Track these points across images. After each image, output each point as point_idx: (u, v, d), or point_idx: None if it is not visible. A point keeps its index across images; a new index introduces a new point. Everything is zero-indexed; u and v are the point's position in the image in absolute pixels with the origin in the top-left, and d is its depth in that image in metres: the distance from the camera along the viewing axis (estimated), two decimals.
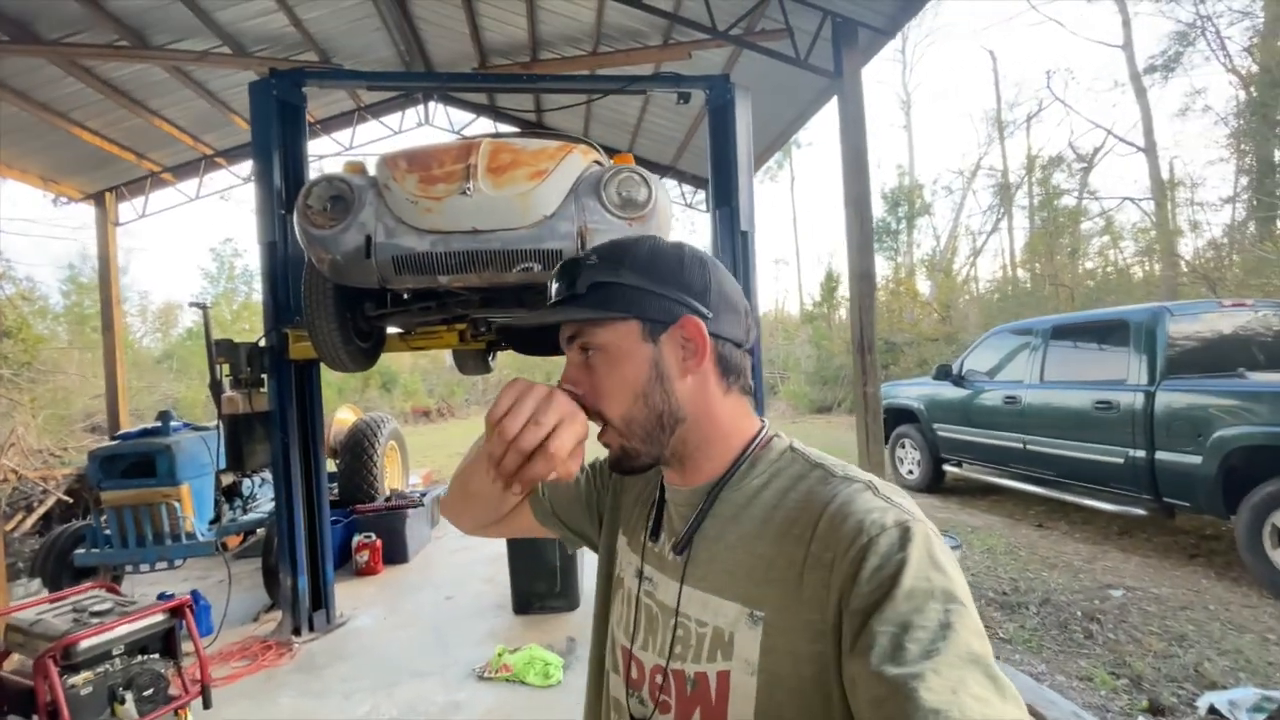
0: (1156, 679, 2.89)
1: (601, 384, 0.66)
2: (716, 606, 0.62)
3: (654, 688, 0.67)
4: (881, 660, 0.46)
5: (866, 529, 0.54)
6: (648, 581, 0.72)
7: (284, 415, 3.62)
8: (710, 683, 0.61)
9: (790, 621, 0.56)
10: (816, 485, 0.62)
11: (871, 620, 0.49)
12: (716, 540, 0.65)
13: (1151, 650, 3.15)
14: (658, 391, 0.65)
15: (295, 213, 2.39)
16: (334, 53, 6.28)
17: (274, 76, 3.76)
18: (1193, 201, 14.06)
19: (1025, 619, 3.57)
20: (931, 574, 0.51)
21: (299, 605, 3.68)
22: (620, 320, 0.66)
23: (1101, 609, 3.62)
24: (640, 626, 0.72)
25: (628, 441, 0.67)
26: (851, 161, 4.28)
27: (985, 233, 19.93)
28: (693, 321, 0.65)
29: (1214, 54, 13.13)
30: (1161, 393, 4.26)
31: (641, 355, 0.65)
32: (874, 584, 0.51)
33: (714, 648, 0.61)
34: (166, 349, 20.36)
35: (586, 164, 2.60)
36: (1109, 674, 2.95)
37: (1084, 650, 3.21)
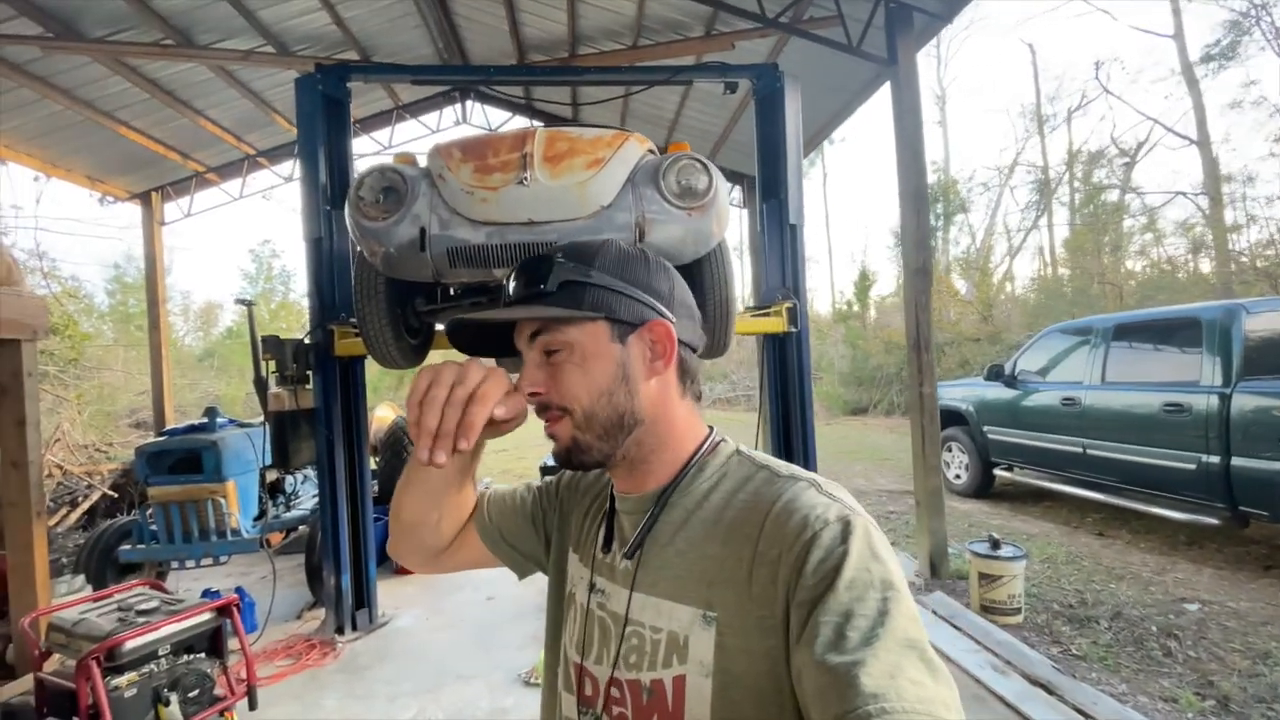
0: (1244, 700, 2.70)
1: (566, 382, 0.66)
2: (669, 611, 0.62)
3: (609, 700, 0.67)
4: (825, 649, 0.48)
5: (810, 524, 0.56)
6: (599, 594, 0.72)
7: (329, 412, 3.59)
8: (667, 688, 0.61)
9: (742, 620, 0.57)
10: (762, 486, 0.63)
11: (816, 611, 0.51)
12: (666, 545, 0.66)
13: (1236, 669, 2.95)
14: (622, 392, 0.66)
15: (347, 205, 2.34)
16: (374, 51, 6.30)
17: (319, 72, 3.74)
18: (1246, 196, 13.44)
19: (1097, 634, 3.37)
20: (871, 565, 0.53)
21: (342, 604, 3.66)
22: (590, 320, 0.65)
23: (1178, 624, 3.41)
24: (593, 640, 0.71)
25: (582, 435, 0.66)
26: (908, 152, 4.11)
27: (1023, 230, 19.39)
28: (662, 325, 0.67)
29: (1269, 43, 12.55)
30: (1238, 395, 4.01)
31: (609, 355, 0.66)
32: (818, 576, 0.52)
33: (669, 652, 0.61)
34: (208, 347, 20.90)
35: (643, 152, 2.50)
36: (1194, 694, 2.76)
37: (1164, 669, 3.01)
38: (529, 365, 0.69)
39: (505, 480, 8.20)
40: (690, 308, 0.71)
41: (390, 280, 2.53)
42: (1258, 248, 12.58)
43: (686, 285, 0.73)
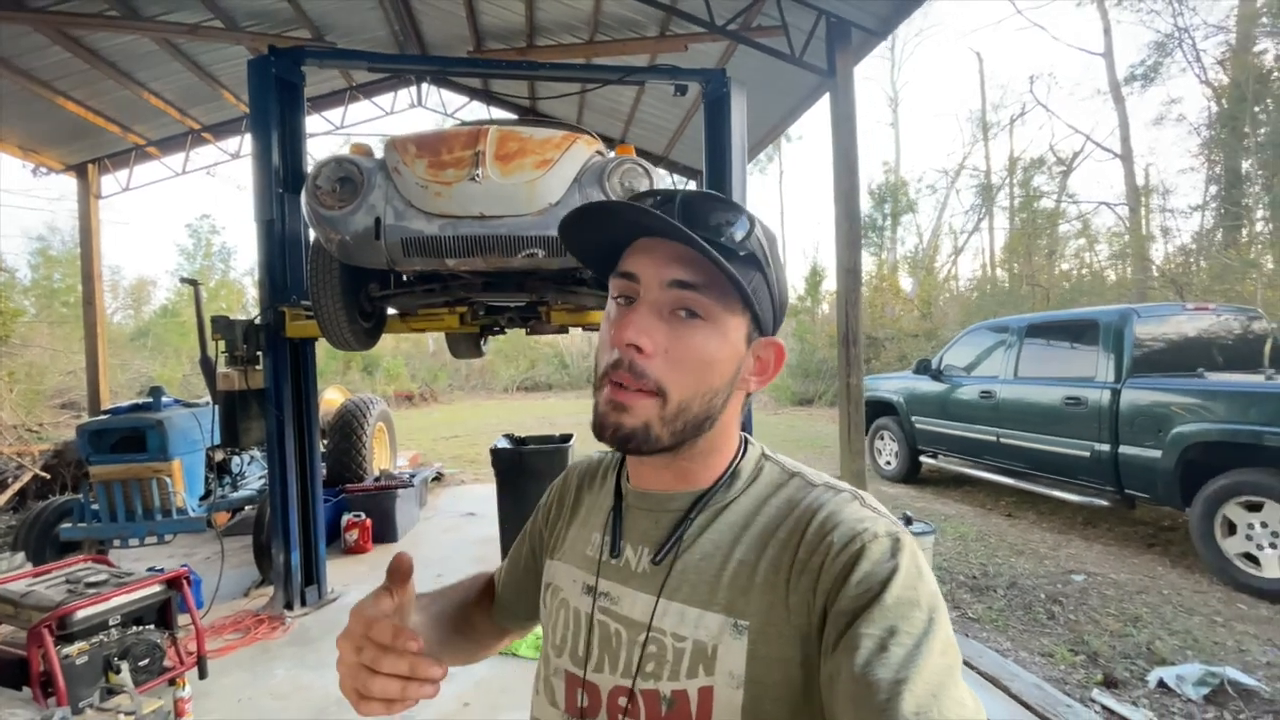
0: (1112, 656, 3.09)
1: (685, 360, 0.59)
2: (696, 619, 0.58)
3: (614, 710, 0.62)
4: (867, 662, 0.47)
5: (860, 536, 0.54)
6: (604, 598, 0.66)
7: (279, 393, 3.65)
8: (691, 700, 0.57)
9: (777, 629, 0.55)
10: (796, 494, 0.61)
11: (858, 623, 0.49)
12: (691, 549, 0.62)
13: (1108, 630, 3.36)
14: (724, 395, 0.62)
15: (304, 193, 2.43)
16: (328, 30, 6.23)
17: (273, 54, 3.75)
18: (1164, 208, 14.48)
19: (993, 601, 3.76)
20: (918, 584, 0.52)
21: (291, 580, 3.74)
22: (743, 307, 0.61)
23: (1064, 592, 3.83)
24: (593, 648, 0.65)
25: (660, 426, 0.59)
26: (842, 160, 4.40)
27: (967, 232, 20.33)
28: (780, 346, 0.64)
29: (1190, 65, 13.50)
30: (1127, 390, 4.47)
31: (736, 354, 0.61)
32: (863, 588, 0.51)
33: (694, 662, 0.57)
34: (140, 326, 19.97)
35: (590, 154, 2.68)
36: (1068, 651, 3.15)
37: (1046, 629, 3.41)
38: (646, 310, 0.59)
39: (455, 465, 8.27)
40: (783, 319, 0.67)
41: (345, 266, 2.64)
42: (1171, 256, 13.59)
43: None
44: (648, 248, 0.60)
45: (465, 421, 13.54)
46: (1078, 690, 2.80)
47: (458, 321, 3.15)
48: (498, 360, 20.77)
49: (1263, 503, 3.67)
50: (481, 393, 20.14)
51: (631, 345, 0.57)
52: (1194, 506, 3.98)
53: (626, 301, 0.61)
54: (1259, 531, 3.69)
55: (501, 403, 17.95)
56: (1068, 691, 2.76)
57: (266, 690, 2.93)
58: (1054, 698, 2.62)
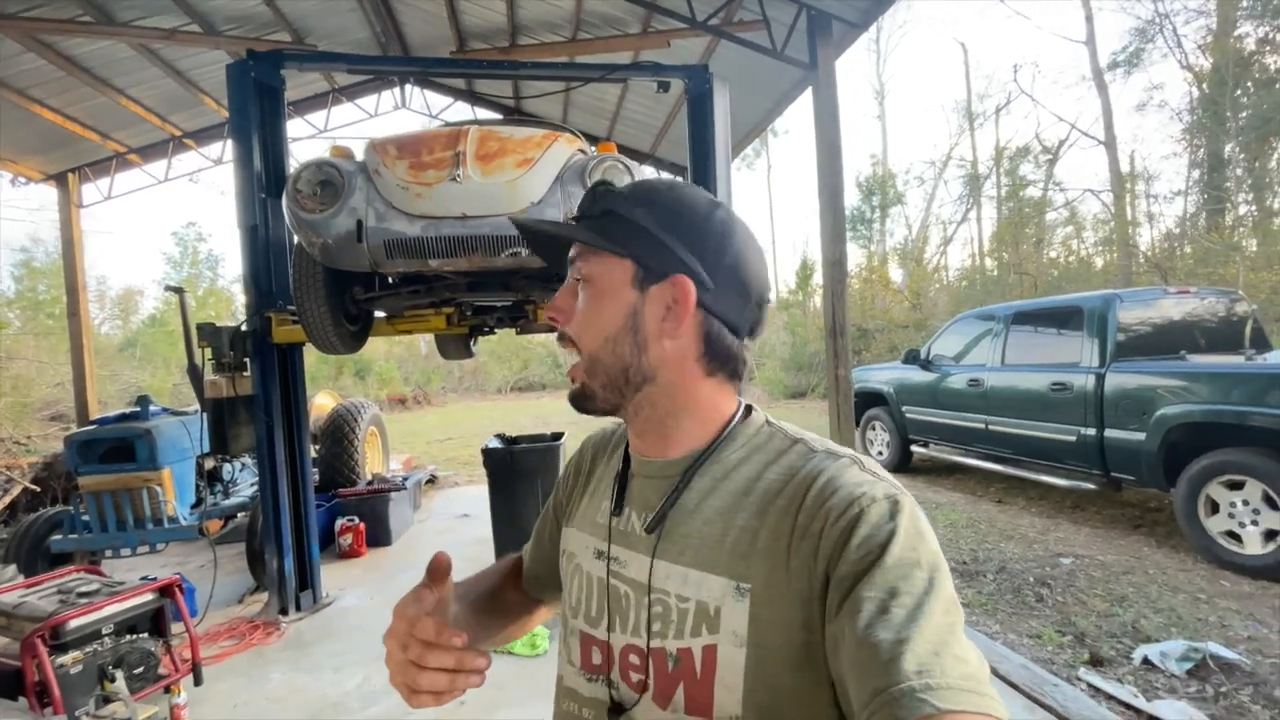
0: (1098, 635, 3.14)
1: (582, 315, 0.65)
2: (699, 580, 0.60)
3: (626, 667, 0.64)
4: (868, 624, 0.48)
5: (858, 500, 0.55)
6: (614, 561, 0.68)
7: (268, 399, 3.65)
8: (695, 658, 0.59)
9: (778, 592, 0.56)
10: (799, 460, 0.62)
11: (860, 586, 0.50)
12: (694, 514, 0.63)
13: (1095, 610, 3.41)
14: (628, 343, 0.64)
15: (285, 197, 2.43)
16: (308, 33, 6.20)
17: (252, 58, 3.73)
18: (1148, 194, 14.63)
19: (983, 585, 3.81)
20: (919, 544, 0.53)
21: (285, 586, 3.74)
22: (615, 256, 0.64)
23: (1052, 575, 3.89)
24: (607, 609, 0.68)
25: (589, 381, 0.65)
26: (826, 153, 4.42)
27: (955, 222, 20.44)
28: (684, 282, 0.62)
29: (1171, 51, 13.64)
30: (1111, 374, 4.53)
31: (623, 299, 0.64)
32: (863, 551, 0.52)
33: (698, 622, 0.59)
34: (128, 336, 19.81)
35: (571, 152, 2.69)
36: (1056, 631, 3.20)
37: (1035, 612, 3.46)
38: (563, 286, 0.68)
39: (449, 467, 8.27)
40: (744, 284, 0.65)
41: (328, 269, 2.64)
42: (1156, 242, 13.74)
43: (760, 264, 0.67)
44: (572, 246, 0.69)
45: (459, 423, 13.52)
46: (1065, 670, 2.85)
47: (444, 323, 3.16)
48: (490, 361, 20.73)
49: (1244, 481, 3.73)
50: (475, 394, 20.11)
51: (550, 318, 0.68)
52: (1178, 487, 4.04)
53: None
54: (1240, 509, 3.75)
55: (495, 403, 17.93)
56: (1055, 671, 2.81)
57: (262, 695, 2.94)
58: (1041, 678, 2.67)
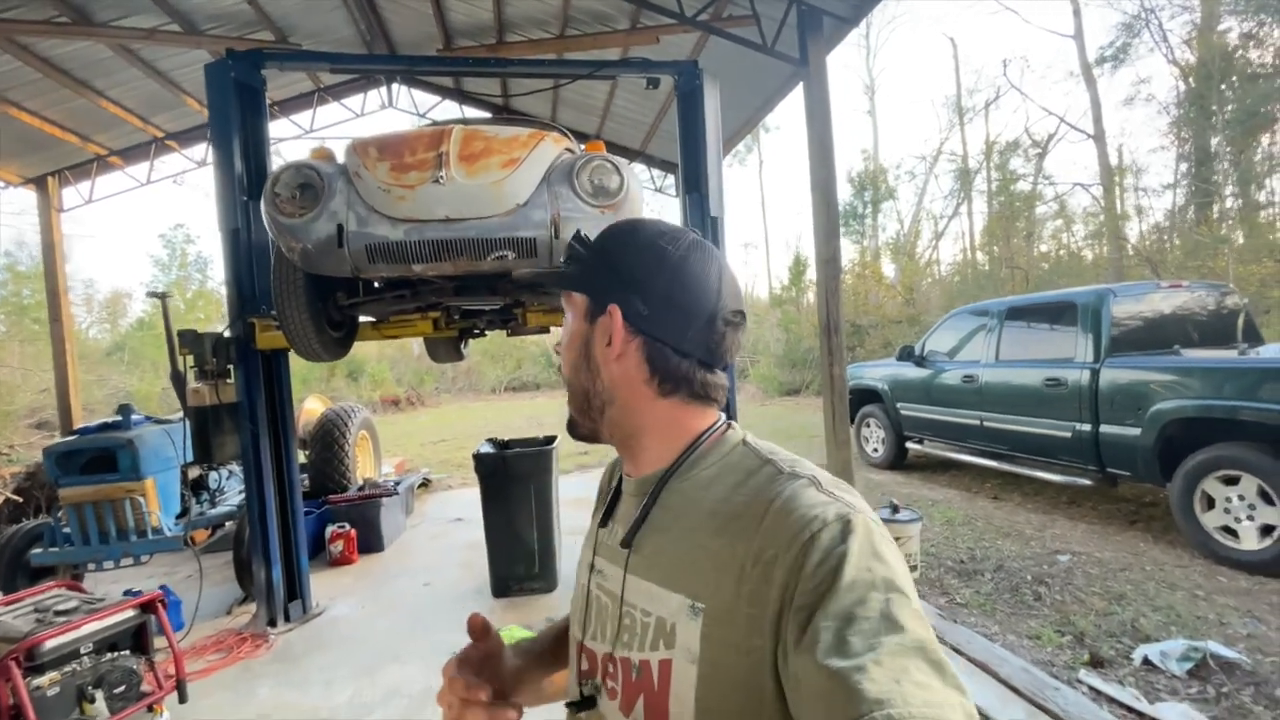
0: (1097, 635, 3.11)
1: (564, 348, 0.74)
2: (660, 597, 0.62)
3: (604, 675, 0.68)
4: (826, 654, 0.47)
5: (809, 524, 0.54)
6: (599, 574, 0.73)
7: (253, 406, 3.57)
8: (653, 670, 0.62)
9: (730, 614, 0.56)
10: (764, 481, 0.62)
11: (816, 615, 0.50)
12: (664, 531, 0.66)
13: (1094, 609, 3.38)
14: (584, 369, 0.70)
15: (263, 201, 2.36)
16: (291, 32, 6.10)
17: (231, 57, 3.65)
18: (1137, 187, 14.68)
19: (980, 585, 3.78)
20: (873, 564, 0.51)
21: (274, 596, 3.67)
22: (575, 294, 0.72)
23: (1050, 573, 3.86)
24: (591, 618, 0.73)
25: (570, 405, 0.73)
26: (817, 149, 4.38)
27: (946, 217, 20.48)
28: (614, 310, 0.67)
29: (1157, 45, 13.67)
30: (1105, 369, 4.51)
31: (579, 332, 0.71)
32: (817, 579, 0.51)
33: (657, 637, 0.62)
34: (116, 340, 19.58)
35: (558, 152, 2.62)
36: (1055, 632, 3.17)
37: (1033, 611, 3.43)
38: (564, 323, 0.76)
39: (442, 470, 8.19)
40: (683, 309, 0.67)
41: (310, 275, 2.57)
42: (1146, 234, 13.79)
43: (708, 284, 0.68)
44: None
45: (452, 425, 13.43)
46: (1065, 671, 2.82)
47: (431, 327, 3.09)
48: (484, 361, 20.63)
49: (1239, 476, 3.71)
50: (469, 394, 20.01)
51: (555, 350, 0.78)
52: (1174, 482, 4.02)
53: None
54: (1236, 505, 3.74)
55: (489, 404, 17.85)
56: (1055, 673, 2.77)
57: (249, 711, 2.87)
58: (1041, 681, 2.63)
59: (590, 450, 8.85)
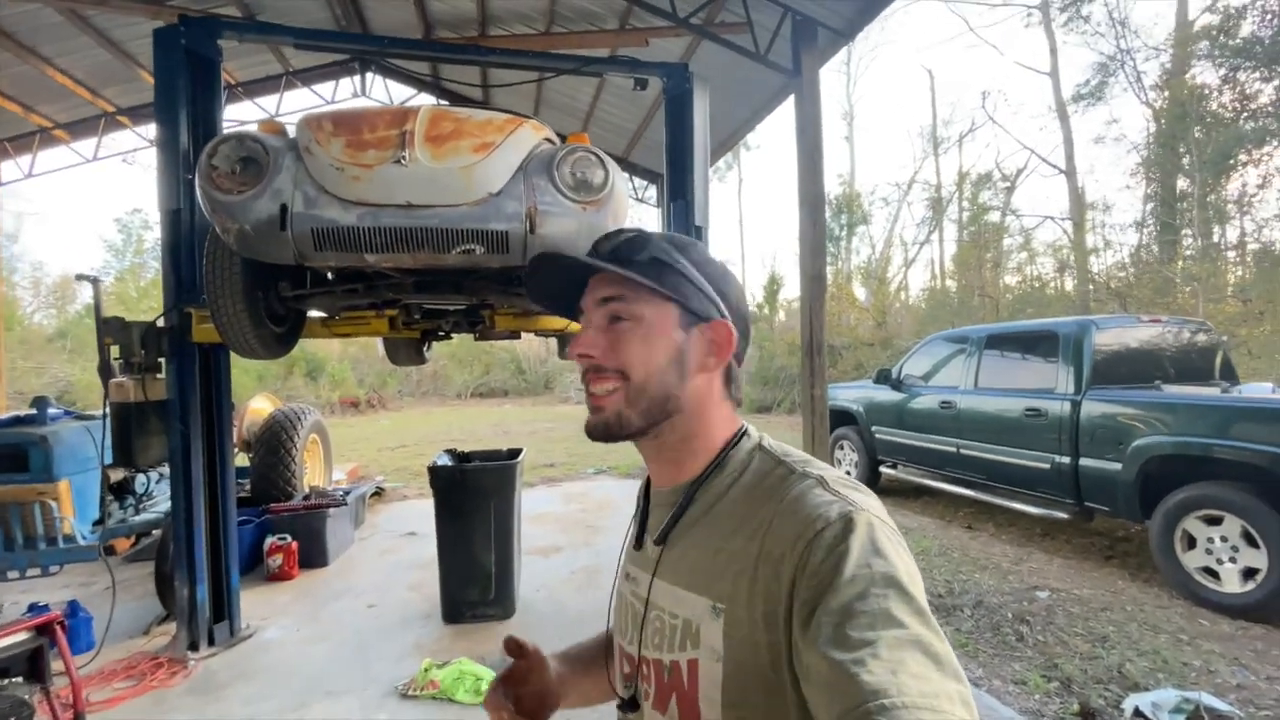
0: (1085, 681, 2.96)
1: (627, 349, 0.69)
2: (684, 599, 0.65)
3: (640, 676, 0.72)
4: (827, 646, 0.49)
5: (813, 523, 0.57)
6: (631, 581, 0.77)
7: (185, 404, 3.22)
8: (683, 670, 0.65)
9: (748, 614, 0.59)
10: (777, 483, 0.64)
11: (818, 610, 0.52)
12: (689, 535, 0.69)
13: (1078, 652, 3.24)
14: (673, 374, 0.69)
15: (197, 173, 2.07)
16: (260, 8, 5.77)
17: (184, 24, 3.34)
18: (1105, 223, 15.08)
19: (961, 622, 3.62)
20: (873, 560, 0.53)
21: (197, 617, 3.30)
22: (665, 300, 0.69)
23: (1030, 610, 3.72)
24: (627, 622, 0.76)
25: (628, 408, 0.69)
26: (807, 162, 4.24)
27: (918, 243, 20.81)
28: (725, 326, 0.71)
29: (1130, 86, 14.12)
30: (1087, 402, 4.44)
31: (672, 338, 0.69)
32: (819, 575, 0.53)
33: (684, 638, 0.65)
34: (61, 327, 18.57)
35: (537, 140, 2.39)
36: (1041, 677, 3.01)
37: (1016, 653, 3.27)
38: (590, 327, 0.72)
39: (399, 479, 7.80)
40: (745, 321, 0.74)
41: (249, 261, 2.28)
42: (1112, 269, 14.13)
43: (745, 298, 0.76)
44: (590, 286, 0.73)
45: (414, 430, 12.95)
46: None
47: (388, 326, 2.81)
48: (450, 365, 20.13)
49: (1222, 516, 3.64)
50: (434, 399, 19.47)
51: (582, 354, 0.70)
52: (1154, 520, 3.94)
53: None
54: (1219, 545, 3.66)
55: (454, 410, 17.35)
56: None
57: None
58: None
59: (557, 464, 8.56)
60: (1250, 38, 10.72)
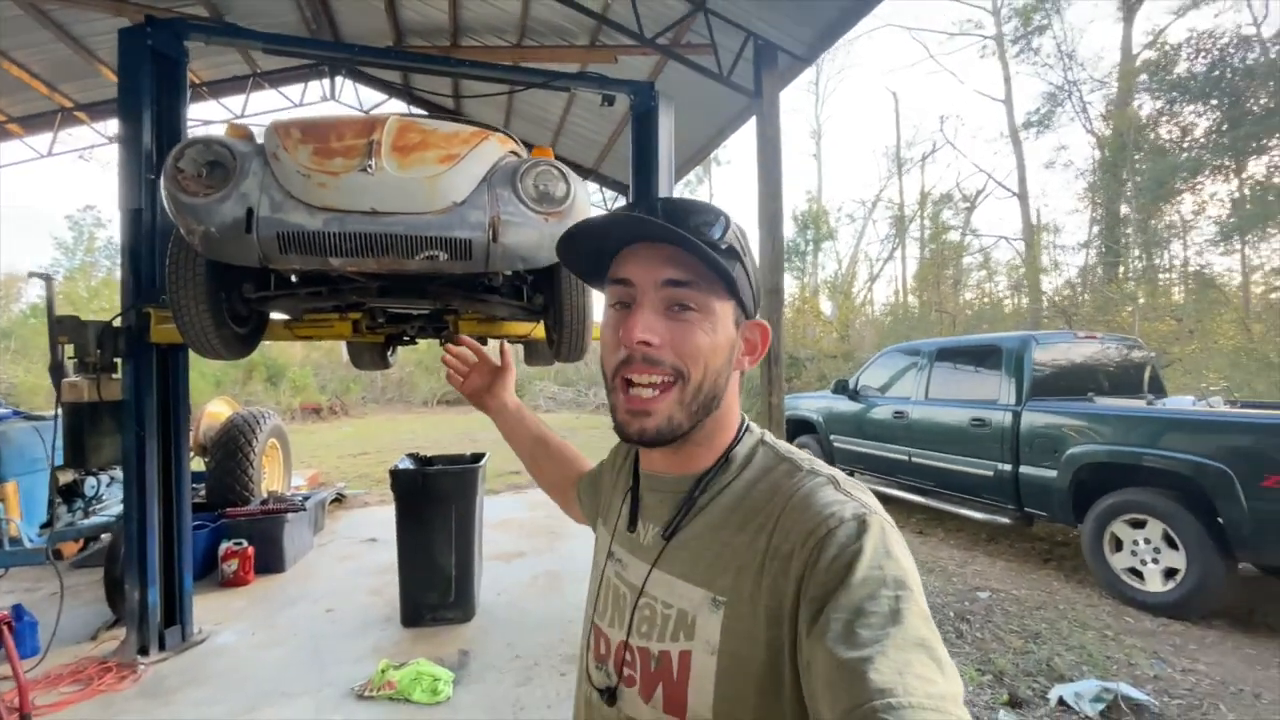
0: (1015, 674, 3.14)
1: (694, 344, 0.65)
2: (682, 590, 0.64)
3: (619, 662, 0.70)
4: (835, 643, 0.49)
5: (825, 521, 0.57)
6: (617, 563, 0.75)
7: (141, 405, 3.20)
8: (673, 661, 0.64)
9: (750, 608, 0.58)
10: (782, 478, 0.64)
11: (827, 607, 0.52)
12: (687, 528, 0.68)
13: (1012, 648, 3.43)
14: (726, 373, 0.68)
15: (163, 175, 2.10)
16: (226, 10, 5.74)
17: (150, 25, 3.35)
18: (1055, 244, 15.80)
19: None
20: (885, 563, 0.53)
21: (147, 620, 3.25)
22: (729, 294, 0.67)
23: (971, 610, 3.91)
24: (608, 604, 0.75)
25: (679, 411, 0.66)
26: (766, 181, 4.42)
27: (882, 260, 21.43)
28: (764, 327, 0.71)
29: (1077, 116, 14.88)
30: (1027, 412, 4.69)
31: (730, 335, 0.68)
32: (830, 573, 0.53)
33: (677, 628, 0.64)
34: (4, 327, 17.78)
35: (502, 153, 2.49)
36: (976, 670, 3.18)
37: (955, 649, 3.44)
38: (648, 310, 0.65)
39: (360, 485, 7.72)
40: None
41: (212, 262, 2.31)
42: (1061, 288, 14.80)
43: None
44: (637, 254, 0.66)
45: (377, 437, 12.76)
46: (986, 712, 2.81)
47: (351, 330, 2.85)
48: (417, 372, 19.87)
49: (1146, 520, 3.90)
50: (399, 406, 19.18)
51: (642, 342, 0.64)
52: (1085, 524, 4.19)
53: (623, 306, 0.67)
54: (1143, 548, 3.91)
55: (420, 417, 17.13)
56: (976, 714, 2.76)
57: None
58: None
59: (524, 471, 8.57)
60: (1185, 74, 11.44)
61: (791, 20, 4.38)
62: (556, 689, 2.89)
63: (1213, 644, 3.45)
